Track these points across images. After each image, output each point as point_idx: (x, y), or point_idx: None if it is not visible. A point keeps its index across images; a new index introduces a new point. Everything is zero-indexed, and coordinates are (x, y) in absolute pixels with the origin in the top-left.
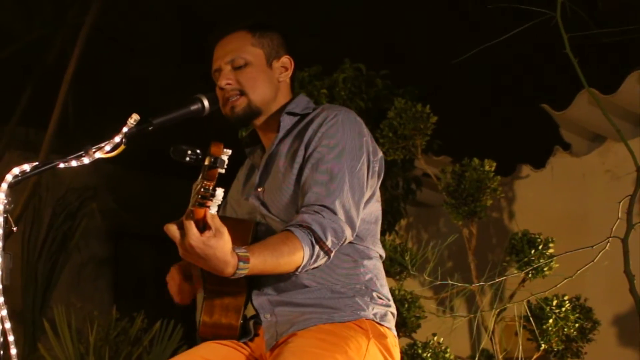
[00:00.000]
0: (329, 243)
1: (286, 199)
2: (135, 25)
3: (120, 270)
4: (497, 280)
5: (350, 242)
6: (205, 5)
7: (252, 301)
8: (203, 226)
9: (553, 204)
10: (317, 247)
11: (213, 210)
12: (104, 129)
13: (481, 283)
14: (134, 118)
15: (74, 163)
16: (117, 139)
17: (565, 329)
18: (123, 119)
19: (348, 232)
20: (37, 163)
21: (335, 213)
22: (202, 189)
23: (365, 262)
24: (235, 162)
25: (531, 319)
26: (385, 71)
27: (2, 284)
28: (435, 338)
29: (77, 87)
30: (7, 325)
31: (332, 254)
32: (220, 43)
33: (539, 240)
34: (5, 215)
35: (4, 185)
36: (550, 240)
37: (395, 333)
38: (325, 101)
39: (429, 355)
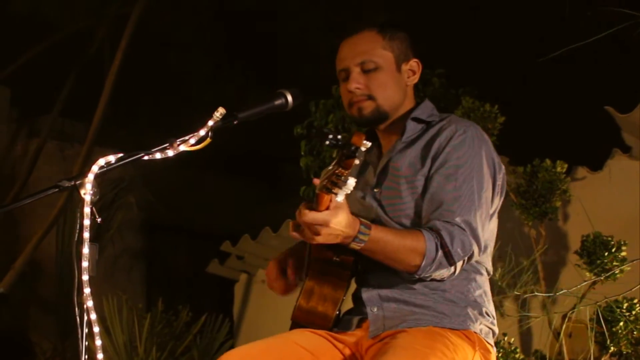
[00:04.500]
0: (453, 252)
1: (405, 205)
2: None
3: (153, 262)
4: (578, 286)
5: None
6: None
7: (362, 294)
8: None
9: (610, 207)
10: (440, 252)
11: (340, 198)
12: (138, 120)
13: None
14: (220, 112)
15: (158, 155)
16: (202, 132)
17: (635, 332)
18: (158, 111)
19: (476, 249)
20: (122, 154)
21: (464, 230)
22: (334, 175)
23: (478, 277)
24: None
25: (602, 321)
26: (441, 70)
27: (89, 274)
28: (506, 338)
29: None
30: (93, 316)
31: (458, 268)
32: (348, 41)
33: (612, 243)
34: (91, 207)
35: (91, 176)
36: (623, 243)
37: (495, 351)
38: None
39: (500, 355)
